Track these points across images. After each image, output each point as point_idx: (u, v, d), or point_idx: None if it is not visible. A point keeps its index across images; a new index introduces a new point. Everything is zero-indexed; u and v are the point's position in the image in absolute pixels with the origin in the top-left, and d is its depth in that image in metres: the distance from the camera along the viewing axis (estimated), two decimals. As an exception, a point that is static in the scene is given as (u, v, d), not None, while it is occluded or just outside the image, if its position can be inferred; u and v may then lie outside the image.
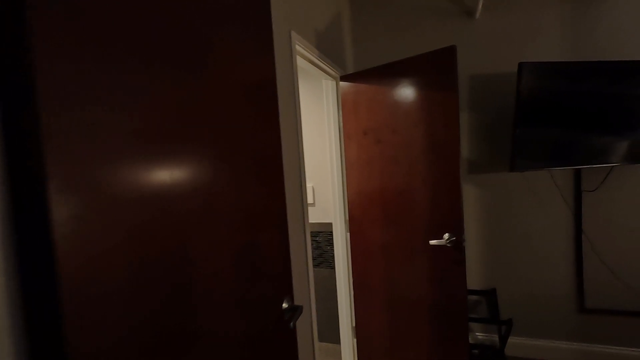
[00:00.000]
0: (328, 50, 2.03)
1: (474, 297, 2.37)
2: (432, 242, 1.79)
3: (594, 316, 2.14)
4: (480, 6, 2.09)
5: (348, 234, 2.25)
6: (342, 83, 2.11)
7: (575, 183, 2.12)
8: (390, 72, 1.92)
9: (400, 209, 1.94)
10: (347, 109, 2.11)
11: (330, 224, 2.51)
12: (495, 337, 2.35)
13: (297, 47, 1.58)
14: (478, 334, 2.39)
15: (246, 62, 0.90)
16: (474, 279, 2.36)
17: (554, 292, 2.21)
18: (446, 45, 2.28)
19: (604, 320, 2.13)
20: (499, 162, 2.24)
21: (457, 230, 1.76)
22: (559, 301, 2.20)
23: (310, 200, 2.55)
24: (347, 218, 2.25)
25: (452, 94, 1.71)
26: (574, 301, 2.18)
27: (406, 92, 1.87)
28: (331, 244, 2.51)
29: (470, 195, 2.33)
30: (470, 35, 2.25)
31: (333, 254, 2.48)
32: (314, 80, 2.50)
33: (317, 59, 1.81)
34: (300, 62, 1.76)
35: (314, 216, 2.56)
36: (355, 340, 2.29)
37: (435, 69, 1.76)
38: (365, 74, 2.02)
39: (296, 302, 1.46)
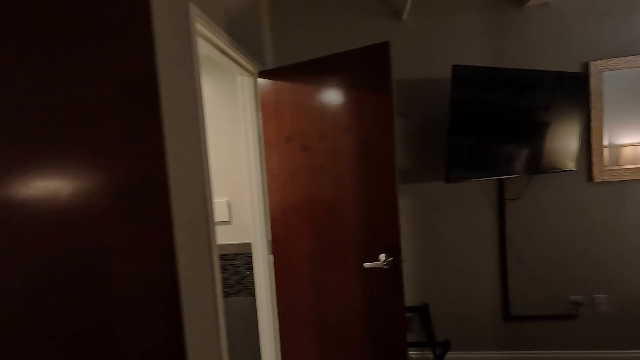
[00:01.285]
0: (243, 39, 1.69)
1: (407, 314, 2.23)
2: (367, 264, 1.57)
3: (519, 323, 2.16)
4: (407, 7, 1.97)
5: (271, 256, 1.92)
6: (261, 80, 1.79)
7: (498, 192, 2.12)
8: (317, 70, 1.66)
9: (331, 227, 1.69)
10: (268, 110, 1.79)
11: (250, 245, 2.15)
12: (429, 354, 2.24)
13: (199, 27, 1.22)
14: (412, 353, 2.26)
15: (101, 39, 0.53)
16: (407, 295, 2.23)
17: (483, 303, 2.18)
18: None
19: (528, 326, 2.16)
20: (431, 172, 2.15)
21: (395, 249, 1.56)
22: (487, 311, 2.18)
23: (225, 217, 2.15)
24: (270, 238, 1.92)
25: (386, 96, 1.51)
26: (500, 310, 2.17)
27: (335, 93, 1.63)
28: (252, 268, 2.15)
29: (401, 207, 2.19)
30: (399, 36, 2.12)
31: (254, 279, 2.13)
32: (228, 76, 2.13)
33: (227, 46, 1.46)
34: (205, 48, 1.39)
35: (231, 236, 2.17)
36: (281, 380, 1.97)
37: (367, 68, 1.55)
38: (288, 71, 1.73)
39: (198, 348, 1.08)
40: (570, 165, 1.98)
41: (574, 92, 1.95)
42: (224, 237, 2.17)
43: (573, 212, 2.09)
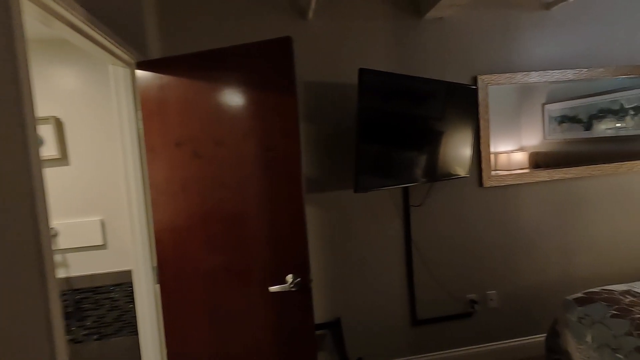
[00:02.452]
0: (111, 19, 1.35)
1: (318, 332, 2.10)
2: (273, 288, 1.38)
3: (425, 327, 2.21)
4: (312, 5, 1.85)
5: (158, 285, 1.59)
6: (141, 73, 1.47)
7: (404, 200, 2.14)
8: (211, 64, 1.42)
9: (232, 247, 1.45)
10: (150, 109, 1.47)
11: (130, 272, 1.76)
12: (342, 371, 2.14)
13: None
14: (324, 372, 2.13)
15: None
16: (318, 310, 2.10)
17: (393, 310, 2.17)
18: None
19: (433, 329, 2.21)
20: (341, 180, 2.06)
21: (303, 269, 1.40)
22: (397, 318, 2.18)
23: (98, 240, 1.74)
24: (156, 263, 1.58)
25: (290, 98, 1.35)
26: (408, 315, 2.19)
27: (233, 92, 1.41)
28: (134, 301, 1.77)
29: (310, 217, 2.06)
30: (306, 37, 2.00)
31: (136, 314, 1.75)
32: (101, 67, 1.73)
33: (85, 24, 1.12)
34: (64, 32, 1.04)
35: (107, 263, 1.76)
36: None
37: (268, 65, 1.37)
38: (175, 62, 1.45)
39: None
40: (464, 172, 2.09)
41: (466, 103, 2.07)
42: (96, 265, 1.75)
43: (467, 216, 2.22)
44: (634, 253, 2.40)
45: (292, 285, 1.38)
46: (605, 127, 2.34)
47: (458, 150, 2.05)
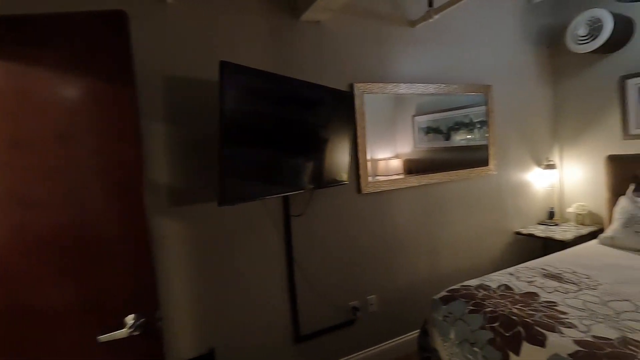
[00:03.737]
0: None
1: (188, 369, 1.79)
2: (104, 337, 1.05)
3: (310, 342, 2.10)
4: (171, -14, 1.58)
5: None
6: None
7: (284, 210, 2.00)
8: (15, 35, 1.02)
9: (39, 283, 1.06)
10: None
11: None
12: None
13: None
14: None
15: None
16: (185, 345, 1.79)
17: (275, 330, 2.00)
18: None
19: (318, 342, 2.12)
20: (211, 190, 1.80)
21: (149, 305, 1.11)
22: (279, 337, 2.01)
23: None
24: None
25: (126, 89, 1.06)
26: (291, 333, 2.05)
27: (44, 76, 1.04)
28: None
29: (175, 236, 1.74)
30: (164, 22, 1.69)
31: None
32: None
33: None
34: None
35: None
36: None
37: (93, 43, 1.05)
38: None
39: None
40: (343, 178, 2.07)
41: (343, 109, 2.06)
42: None
43: (347, 223, 2.21)
44: (485, 247, 2.76)
45: (133, 329, 1.07)
46: (459, 138, 2.64)
47: (336, 157, 2.01)
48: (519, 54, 2.87)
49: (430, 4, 2.26)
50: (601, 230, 2.64)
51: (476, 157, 2.72)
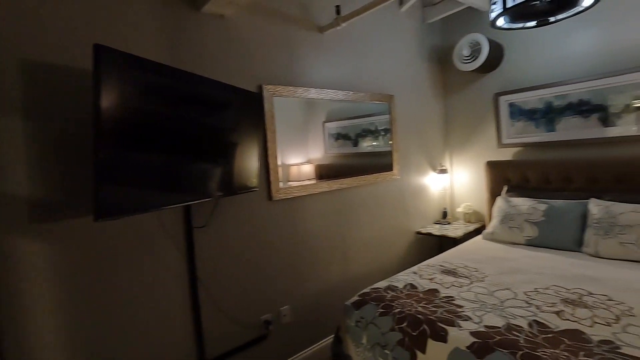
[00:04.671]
0: None
1: None
2: None
3: (216, 367, 1.90)
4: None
5: None
6: None
7: (185, 222, 1.78)
8: None
9: None
10: None
11: None
12: None
13: None
14: None
15: None
16: (57, 395, 1.44)
17: (175, 356, 1.75)
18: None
19: (225, 367, 1.94)
20: (90, 201, 1.49)
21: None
22: (180, 367, 1.78)
23: None
24: None
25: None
26: (195, 359, 1.83)
27: None
28: None
29: (36, 260, 1.39)
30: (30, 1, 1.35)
31: None
32: None
33: None
34: None
35: None
36: None
37: None
38: None
39: None
40: (253, 184, 1.94)
41: (252, 111, 1.94)
42: None
43: (257, 232, 2.09)
44: (391, 248, 2.91)
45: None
46: (366, 144, 2.74)
47: (246, 163, 1.87)
48: (416, 68, 3.13)
49: (338, 12, 2.29)
50: (484, 227, 3.02)
51: (382, 163, 2.86)
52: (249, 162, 1.89)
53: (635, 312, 1.43)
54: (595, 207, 2.23)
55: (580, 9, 1.61)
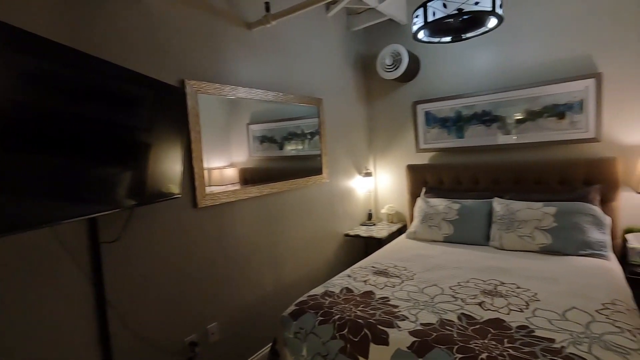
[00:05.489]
0: None
1: None
2: None
3: (131, 405, 1.63)
4: None
5: None
6: None
7: (90, 236, 1.49)
8: None
9: None
10: None
11: None
12: None
13: None
14: None
15: None
16: None
17: (76, 404, 1.45)
18: None
19: (142, 403, 1.67)
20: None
21: None
22: (84, 413, 1.47)
23: None
24: None
25: None
26: (104, 400, 1.54)
27: None
28: None
29: None
30: None
31: None
32: None
33: None
34: None
35: None
36: None
37: None
38: None
39: None
40: (175, 191, 1.72)
41: (172, 109, 1.72)
42: None
43: (181, 244, 1.87)
44: (321, 252, 2.89)
45: None
46: (290, 148, 2.68)
47: (165, 166, 1.65)
48: (343, 73, 3.19)
49: (268, 9, 2.20)
50: (405, 227, 3.20)
51: (312, 166, 2.83)
52: (169, 166, 1.67)
53: (539, 297, 1.63)
54: (498, 205, 2.53)
55: (486, 29, 1.80)
